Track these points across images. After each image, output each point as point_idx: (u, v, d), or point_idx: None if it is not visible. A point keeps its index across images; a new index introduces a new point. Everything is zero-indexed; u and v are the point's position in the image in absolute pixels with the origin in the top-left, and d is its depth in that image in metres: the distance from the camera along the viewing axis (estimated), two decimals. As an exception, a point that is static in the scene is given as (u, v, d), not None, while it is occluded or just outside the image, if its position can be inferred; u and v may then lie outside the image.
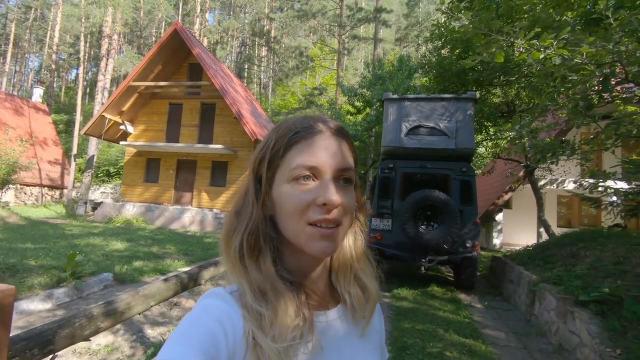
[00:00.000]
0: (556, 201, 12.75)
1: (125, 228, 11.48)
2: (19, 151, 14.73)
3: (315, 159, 0.51)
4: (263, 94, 38.41)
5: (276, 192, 0.53)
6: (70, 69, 44.17)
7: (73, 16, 29.00)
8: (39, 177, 19.60)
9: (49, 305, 4.05)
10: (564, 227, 11.69)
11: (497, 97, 8.68)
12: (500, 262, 6.63)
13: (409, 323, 4.23)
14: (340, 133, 0.56)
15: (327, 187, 0.50)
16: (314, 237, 0.50)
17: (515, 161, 8.61)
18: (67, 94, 41.28)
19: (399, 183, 5.93)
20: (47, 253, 5.79)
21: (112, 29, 20.48)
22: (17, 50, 42.67)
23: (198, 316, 0.48)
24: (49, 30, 35.53)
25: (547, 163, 5.73)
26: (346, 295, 0.59)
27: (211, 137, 14.82)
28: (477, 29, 2.78)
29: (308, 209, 0.50)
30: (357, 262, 0.60)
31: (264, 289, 0.50)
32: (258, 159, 0.56)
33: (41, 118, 22.27)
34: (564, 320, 3.70)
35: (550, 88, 3.34)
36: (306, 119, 0.56)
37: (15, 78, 45.19)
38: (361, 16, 23.15)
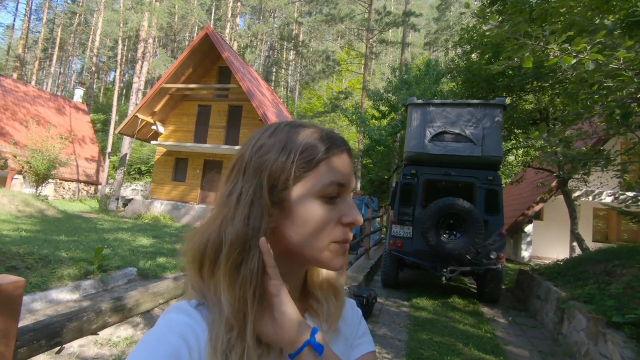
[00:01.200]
0: (592, 214, 12.05)
1: (152, 224, 11.90)
2: (59, 148, 15.63)
3: (344, 178, 0.52)
4: (289, 97, 38.88)
5: (297, 206, 0.49)
6: (108, 71, 46.56)
7: (113, 21, 30.57)
8: (77, 173, 20.72)
9: (76, 296, 4.24)
10: (600, 242, 11.02)
11: (529, 103, 8.33)
12: (527, 276, 6.32)
13: (426, 334, 4.11)
14: (350, 152, 0.57)
15: (353, 206, 0.52)
16: (337, 253, 0.51)
17: (547, 170, 8.22)
18: (105, 95, 43.51)
19: (421, 190, 5.79)
20: (78, 246, 6.08)
21: (148, 33, 21.40)
22: (62, 53, 45.48)
23: (160, 332, 0.45)
24: (91, 35, 37.66)
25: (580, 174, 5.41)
26: (324, 301, 0.59)
27: (237, 139, 15.14)
28: (505, 33, 2.67)
29: (335, 227, 0.51)
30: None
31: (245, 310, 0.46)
32: (278, 166, 0.49)
33: (81, 117, 23.58)
34: (595, 342, 3.47)
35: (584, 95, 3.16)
36: (331, 132, 0.54)
37: (60, 79, 48.14)
38: (389, 20, 22.99)
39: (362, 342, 0.63)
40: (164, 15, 23.01)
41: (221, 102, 15.77)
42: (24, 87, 20.88)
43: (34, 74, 39.14)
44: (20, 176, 16.47)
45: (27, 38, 37.45)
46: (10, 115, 18.28)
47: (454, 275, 5.45)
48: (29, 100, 20.26)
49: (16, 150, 16.36)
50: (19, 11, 42.41)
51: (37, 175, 15.08)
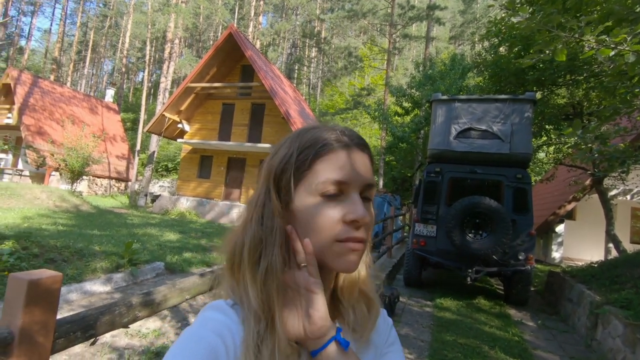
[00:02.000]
0: (630, 214, 11.40)
1: (178, 220, 12.27)
2: (92, 146, 16.38)
3: (343, 174, 0.50)
4: (312, 95, 38.93)
5: (299, 206, 0.51)
6: (137, 72, 48.23)
7: (141, 23, 31.63)
8: (108, 170, 21.65)
9: (108, 288, 4.44)
10: (638, 243, 10.42)
11: (562, 97, 7.94)
12: (558, 278, 6.07)
13: (450, 336, 4.03)
14: (365, 147, 0.55)
15: (357, 203, 0.50)
16: (342, 253, 0.50)
17: (580, 168, 7.83)
18: (134, 95, 45.13)
19: (445, 188, 5.66)
20: (110, 240, 6.35)
21: (174, 33, 21.99)
22: (94, 55, 47.50)
23: (198, 330, 0.47)
24: (121, 37, 39.08)
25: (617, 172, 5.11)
26: (350, 309, 0.57)
27: (260, 137, 15.33)
28: (537, 25, 2.55)
29: (337, 225, 0.49)
30: (360, 276, 0.59)
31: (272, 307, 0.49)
32: (279, 169, 0.53)
33: (112, 116, 24.59)
34: (633, 350, 3.29)
35: (623, 89, 2.97)
36: (330, 130, 0.54)
37: (92, 80, 50.33)
38: (413, 14, 22.53)
39: (391, 351, 0.61)
40: (189, 16, 23.56)
41: (244, 101, 16.01)
42: (60, 88, 21.99)
43: (69, 76, 41.15)
44: (57, 173, 17.40)
45: (62, 41, 39.39)
46: (48, 115, 19.32)
47: (479, 276, 5.31)
48: (64, 100, 21.32)
49: (53, 149, 17.28)
50: (55, 16, 44.64)
51: (72, 172, 15.87)
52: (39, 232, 6.09)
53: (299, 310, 0.50)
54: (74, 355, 2.90)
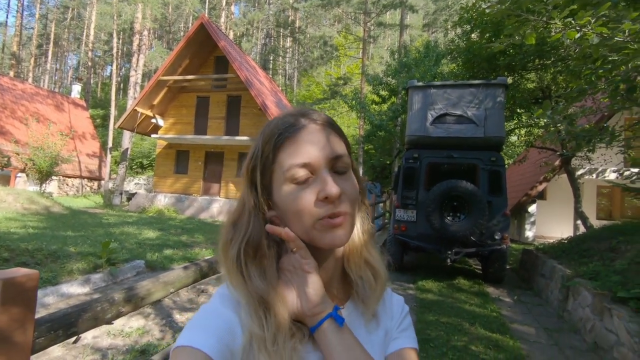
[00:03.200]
0: (596, 192, 12.02)
1: (157, 218, 11.99)
2: (60, 145, 15.64)
3: (305, 156, 0.51)
4: (288, 85, 38.53)
5: (277, 197, 0.53)
6: (105, 66, 46.18)
7: (106, 14, 30.15)
8: (79, 169, 20.79)
9: (86, 289, 4.31)
10: (604, 219, 11.02)
11: (531, 82, 8.21)
12: (531, 256, 6.36)
13: (433, 315, 4.16)
14: (324, 123, 0.55)
15: (325, 180, 0.50)
16: (325, 229, 0.50)
17: (550, 149, 8.16)
18: (103, 90, 43.27)
19: (424, 173, 5.78)
20: (85, 240, 6.14)
21: (142, 25, 21.12)
22: (57, 49, 45.07)
23: (216, 306, 0.50)
24: (85, 29, 37.21)
25: (583, 151, 5.36)
26: (358, 280, 0.59)
27: (237, 129, 15.08)
28: (507, 10, 2.62)
29: (312, 205, 0.50)
30: (366, 247, 0.60)
31: (265, 296, 0.50)
32: (250, 168, 0.56)
33: (80, 113, 23.51)
34: (600, 318, 3.51)
35: (588, 70, 3.10)
36: (288, 116, 0.55)
37: (56, 75, 47.84)
38: (387, 2, 22.55)
39: (403, 337, 0.62)
40: (157, 6, 22.65)
41: (220, 93, 15.66)
42: (21, 84, 20.78)
43: (30, 71, 38.91)
44: (23, 174, 16.54)
45: (21, 35, 37.07)
46: (10, 114, 18.25)
47: (458, 257, 5.49)
48: (26, 97, 20.18)
49: (18, 149, 16.39)
50: (10, 7, 41.88)
51: (40, 173, 15.14)
52: (7, 235, 5.81)
53: (296, 290, 0.52)
54: (55, 358, 2.81)
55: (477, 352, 3.27)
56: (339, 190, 0.50)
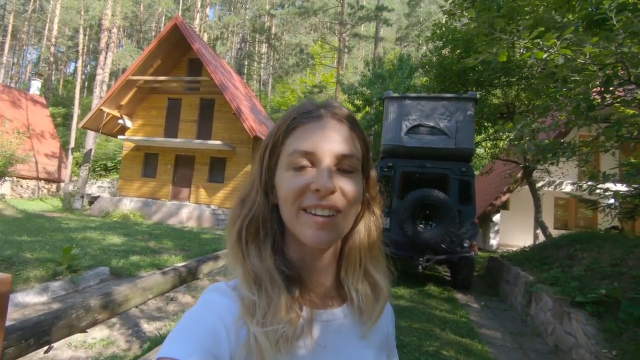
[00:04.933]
0: (553, 203, 12.80)
1: (122, 222, 11.44)
2: (16, 143, 14.62)
3: (310, 144, 0.49)
4: (263, 91, 38.33)
5: (277, 180, 0.53)
6: (68, 62, 43.89)
7: (72, 8, 28.80)
8: (36, 170, 19.50)
9: (44, 298, 4.03)
10: (560, 229, 11.75)
11: (497, 98, 8.68)
12: (497, 263, 6.64)
13: (405, 321, 4.24)
14: (343, 118, 0.53)
15: (322, 172, 0.48)
16: (308, 224, 0.48)
17: (513, 162, 8.63)
18: (66, 87, 41.05)
19: (398, 182, 5.92)
20: (43, 246, 5.75)
21: (112, 22, 20.34)
22: (15, 42, 42.34)
23: (199, 312, 0.47)
24: (48, 22, 35.25)
25: (546, 164, 5.71)
26: (353, 292, 0.56)
27: (210, 133, 14.77)
28: (480, 28, 2.77)
29: (302, 194, 0.48)
30: (369, 258, 0.57)
31: (259, 277, 0.49)
32: (263, 148, 0.55)
33: (39, 111, 22.13)
34: (560, 321, 3.71)
35: (551, 89, 3.33)
36: (307, 104, 0.55)
37: (13, 70, 44.87)
38: (362, 14, 23.10)
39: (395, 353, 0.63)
40: (128, 3, 21.94)
41: (192, 95, 15.31)
42: (-27, 77, 19.30)
43: (-16, 64, 36.26)
44: (-29, 174, 15.28)
45: (-26, 25, 34.56)
46: (-42, 109, 16.89)
47: (429, 264, 5.64)
48: (-21, 92, 18.77)
49: (-34, 146, 15.14)
50: (-37, -5, 39.07)
51: (-9, 173, 14.06)
52: (-47, 240, 5.33)
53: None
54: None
55: (448, 357, 3.36)
56: (334, 186, 0.47)
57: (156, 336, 3.41)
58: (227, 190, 14.28)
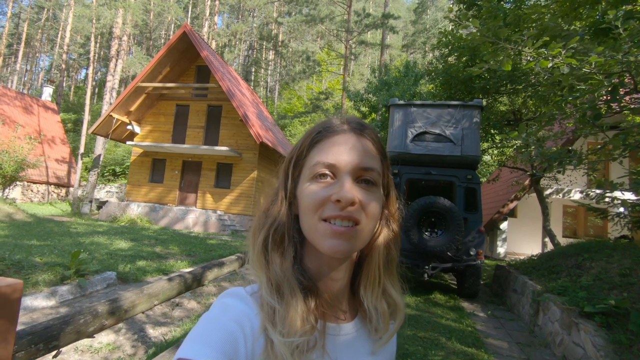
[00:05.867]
0: (562, 211, 12.63)
1: (129, 227, 11.54)
2: (27, 149, 14.91)
3: (333, 157, 0.51)
4: (269, 98, 38.63)
5: (299, 191, 0.54)
6: (80, 69, 44.80)
7: (84, 17, 29.45)
8: (46, 175, 19.81)
9: (52, 302, 4.07)
10: (569, 237, 11.58)
11: (504, 105, 8.65)
12: (504, 271, 6.56)
13: (410, 330, 4.20)
14: (365, 133, 0.55)
15: (344, 185, 0.50)
16: (327, 233, 0.49)
17: (521, 169, 8.56)
18: (76, 94, 41.81)
19: (403, 189, 5.91)
20: (52, 250, 5.83)
21: (122, 30, 20.75)
22: (28, 49, 43.38)
23: (217, 316, 0.48)
24: (60, 31, 36.10)
25: (553, 172, 5.66)
26: (373, 310, 0.57)
27: (217, 139, 14.90)
28: (485, 37, 2.79)
29: (323, 205, 0.50)
30: (387, 275, 0.58)
31: (280, 285, 0.50)
32: (287, 160, 0.57)
33: (50, 117, 22.56)
34: (569, 332, 3.65)
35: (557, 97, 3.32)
36: (333, 119, 0.57)
37: (26, 77, 45.89)
38: (369, 22, 23.26)
39: None
40: (139, 12, 22.38)
41: (200, 102, 15.49)
42: (-13, 84, 19.77)
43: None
44: (-16, 178, 15.58)
45: (-10, 33, 35.49)
46: (-27, 114, 17.30)
47: (435, 272, 5.59)
48: (-7, 98, 19.22)
49: (-20, 151, 15.47)
50: (-20, 4, 40.20)
51: (3, 178, 14.32)
52: (-35, 244, 5.43)
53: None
54: (15, 377, 2.63)
55: (453, 367, 3.32)
56: (355, 198, 0.49)
57: (161, 342, 3.43)
58: (233, 195, 14.36)
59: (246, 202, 14.20)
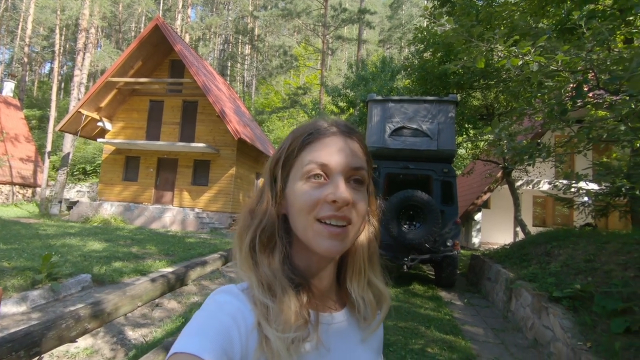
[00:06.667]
0: (532, 201, 13.21)
1: (103, 228, 11.16)
2: (-11, 148, 14.08)
3: (326, 157, 0.53)
4: (246, 93, 38.06)
5: (289, 190, 0.55)
6: (43, 63, 42.48)
7: (47, 7, 27.93)
8: (10, 175, 18.80)
9: (23, 308, 3.91)
10: (539, 226, 12.13)
11: (477, 100, 8.93)
12: (479, 261, 6.82)
13: (391, 321, 4.31)
14: (353, 134, 0.57)
15: (338, 184, 0.51)
16: (322, 234, 0.51)
17: (493, 162, 8.88)
18: (41, 89, 39.70)
19: (382, 183, 6.01)
20: (21, 254, 5.57)
21: (90, 22, 19.84)
22: (-15, 41, 40.65)
23: (212, 312, 0.49)
24: (21, 22, 34.04)
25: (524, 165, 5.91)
26: (360, 301, 0.59)
27: (193, 136, 14.59)
28: (458, 35, 2.87)
29: (317, 205, 0.51)
30: (370, 267, 0.61)
31: (272, 285, 0.51)
32: (274, 160, 0.58)
33: (12, 113, 21.35)
34: (539, 316, 3.86)
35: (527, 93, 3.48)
36: (321, 121, 0.58)
37: (-16, 71, 43.05)
38: (345, 17, 23.28)
39: None
40: (107, 3, 21.44)
41: (175, 98, 15.08)
42: (-60, 79, 18.45)
43: (-48, 65, 34.68)
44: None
45: (-59, 23, 33.03)
46: None
47: (414, 264, 5.74)
48: (-53, 94, 17.96)
49: None
50: None
51: (-38, 179, 13.47)
52: None
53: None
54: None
55: (433, 354, 3.44)
56: (349, 197, 0.51)
57: (142, 343, 3.36)
58: (211, 193, 14.12)
59: (225, 199, 14.01)
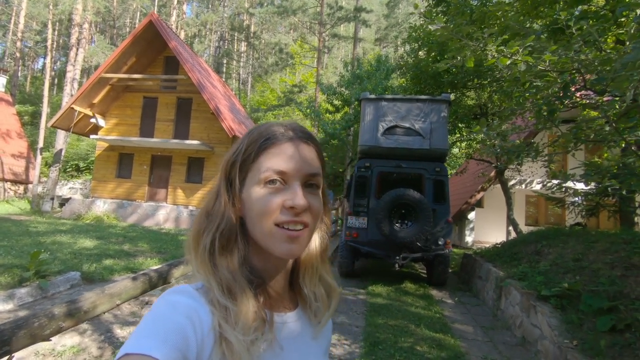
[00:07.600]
0: (525, 201, 13.30)
1: (95, 225, 11.07)
2: (-21, 143, 13.89)
3: (284, 164, 0.53)
4: (242, 90, 37.89)
5: (246, 195, 0.55)
6: (36, 58, 41.97)
7: (40, 2, 27.57)
8: (1, 171, 18.58)
9: (10, 306, 3.87)
10: (531, 225, 12.21)
11: (471, 99, 8.96)
12: (470, 259, 6.86)
13: (382, 319, 4.32)
14: (309, 140, 0.58)
15: (295, 191, 0.53)
16: (281, 238, 0.52)
17: (486, 162, 8.92)
18: (33, 84, 39.25)
19: (375, 182, 6.02)
20: (9, 251, 5.51)
21: (83, 17, 19.61)
22: (-23, 35, 40.01)
23: (165, 312, 0.47)
24: (14, 16, 33.56)
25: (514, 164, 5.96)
26: (312, 295, 0.61)
27: (187, 133, 14.49)
28: (450, 34, 2.88)
29: (276, 210, 0.52)
30: (322, 263, 0.63)
31: (231, 287, 0.52)
32: (230, 162, 0.58)
33: (4, 109, 21.08)
34: (527, 314, 3.89)
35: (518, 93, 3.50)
36: (277, 125, 0.58)
37: (-25, 65, 42.43)
38: (341, 15, 23.24)
39: None
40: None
41: (169, 94, 14.96)
42: None
43: (-57, 59, 34.15)
44: None
45: None
46: None
47: (406, 262, 5.77)
48: (-63, 88, 17.69)
49: None
50: None
51: (-48, 175, 13.29)
52: None
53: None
54: (-31, 386, 2.49)
55: (422, 352, 3.46)
56: (307, 203, 0.53)
57: (130, 341, 3.34)
58: (205, 190, 14.04)
59: (219, 196, 13.93)
